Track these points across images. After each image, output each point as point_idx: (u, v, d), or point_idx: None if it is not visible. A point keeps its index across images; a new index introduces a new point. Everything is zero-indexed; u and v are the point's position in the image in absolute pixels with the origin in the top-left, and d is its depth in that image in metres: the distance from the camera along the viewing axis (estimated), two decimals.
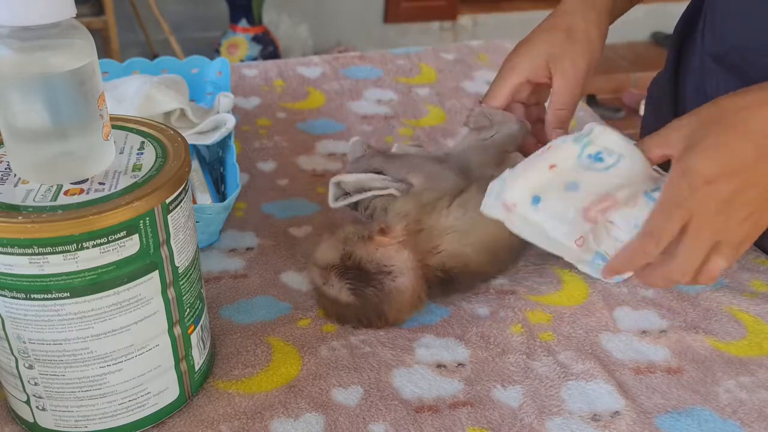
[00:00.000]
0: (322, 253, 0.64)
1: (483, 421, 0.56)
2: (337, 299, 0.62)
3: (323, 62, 1.15)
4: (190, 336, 0.54)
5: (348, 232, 0.63)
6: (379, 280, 0.61)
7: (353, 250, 0.62)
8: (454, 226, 0.64)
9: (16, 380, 0.51)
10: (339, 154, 0.92)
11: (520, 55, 0.72)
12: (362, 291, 0.61)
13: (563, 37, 0.71)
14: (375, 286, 0.61)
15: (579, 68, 0.70)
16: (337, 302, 0.63)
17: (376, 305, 0.62)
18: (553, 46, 0.71)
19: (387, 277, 0.62)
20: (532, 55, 0.71)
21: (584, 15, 0.72)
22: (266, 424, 0.55)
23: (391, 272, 0.62)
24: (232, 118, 0.79)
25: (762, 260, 0.75)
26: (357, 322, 0.64)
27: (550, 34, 0.72)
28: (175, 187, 0.49)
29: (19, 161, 0.49)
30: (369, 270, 0.61)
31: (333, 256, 0.63)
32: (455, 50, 1.21)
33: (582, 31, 0.71)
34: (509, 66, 0.72)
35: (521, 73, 0.71)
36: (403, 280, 0.62)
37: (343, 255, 0.62)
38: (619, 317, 0.67)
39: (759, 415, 0.57)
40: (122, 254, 0.46)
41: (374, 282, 0.61)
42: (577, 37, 0.71)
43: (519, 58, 0.72)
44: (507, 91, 0.72)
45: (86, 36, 0.47)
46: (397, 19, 3.23)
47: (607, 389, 0.59)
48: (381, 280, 0.61)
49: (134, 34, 2.76)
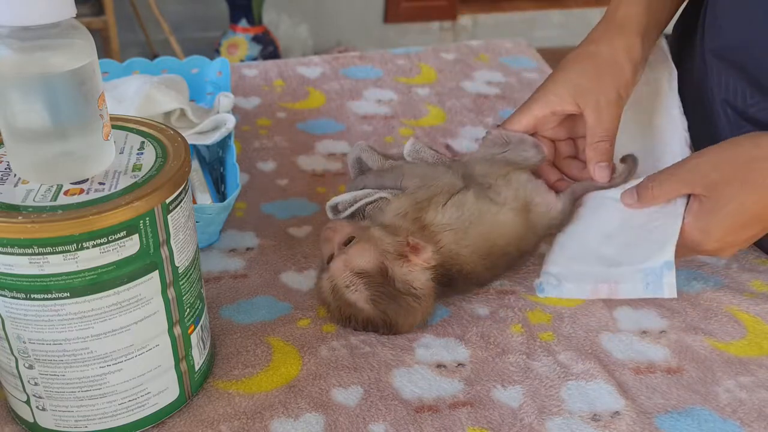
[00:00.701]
0: (358, 258, 0.62)
1: (483, 421, 0.56)
2: (356, 303, 0.62)
3: (323, 62, 1.15)
4: (190, 336, 0.54)
5: (386, 245, 0.62)
6: (406, 299, 0.62)
7: (391, 266, 0.61)
8: (450, 225, 0.64)
9: (16, 380, 0.51)
10: (339, 154, 0.92)
11: (546, 86, 0.71)
12: (384, 305, 0.61)
13: (590, 68, 0.70)
14: (400, 303, 0.61)
15: (610, 99, 0.69)
16: (353, 305, 0.62)
17: (391, 318, 0.62)
18: (579, 77, 0.70)
19: (412, 299, 0.62)
20: (557, 86, 0.70)
21: (611, 42, 0.71)
22: (266, 424, 0.55)
23: (417, 294, 0.62)
24: (232, 118, 0.79)
25: (762, 260, 0.75)
26: (362, 328, 0.63)
27: (575, 65, 0.71)
28: (175, 187, 0.49)
29: (19, 161, 0.49)
30: (399, 289, 0.61)
31: (369, 264, 0.61)
32: (455, 50, 1.21)
33: (608, 59, 0.70)
34: (534, 97, 0.71)
35: (545, 105, 0.70)
36: (424, 301, 0.63)
37: (382, 269, 0.61)
38: (619, 317, 0.67)
39: (759, 415, 0.57)
40: (122, 254, 0.46)
41: (401, 300, 0.61)
42: (604, 66, 0.70)
43: (543, 90, 0.71)
44: (528, 120, 0.71)
45: (86, 36, 0.47)
46: (397, 19, 3.23)
47: (607, 389, 0.59)
48: (407, 300, 0.62)
49: (134, 34, 2.76)
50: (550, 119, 0.72)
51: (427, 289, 0.63)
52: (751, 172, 0.59)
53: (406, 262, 0.62)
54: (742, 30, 0.70)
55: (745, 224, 0.60)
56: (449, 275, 0.64)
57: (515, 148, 0.70)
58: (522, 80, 1.13)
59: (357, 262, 0.61)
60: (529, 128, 0.72)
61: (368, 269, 0.61)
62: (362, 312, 0.62)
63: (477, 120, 1.01)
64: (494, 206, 0.66)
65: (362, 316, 0.62)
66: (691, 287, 0.71)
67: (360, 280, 0.61)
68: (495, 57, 1.20)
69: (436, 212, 0.65)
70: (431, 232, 0.64)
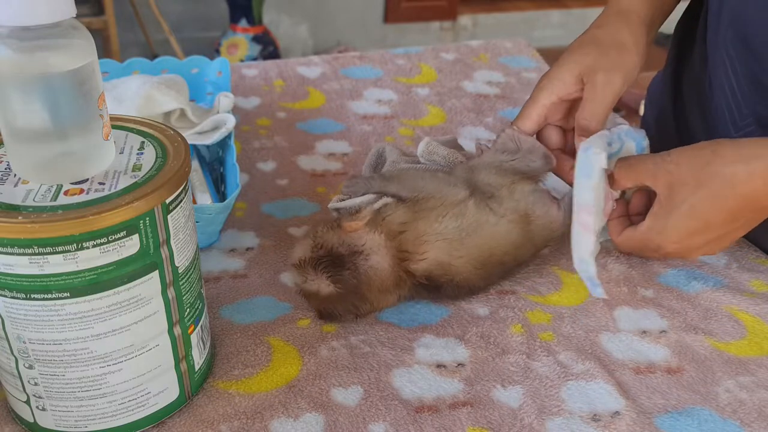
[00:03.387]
0: (295, 252, 0.64)
1: (483, 421, 0.56)
2: (319, 292, 0.62)
3: (323, 62, 1.15)
4: (190, 336, 0.54)
5: (317, 227, 0.64)
6: (353, 261, 0.61)
7: (323, 239, 0.62)
8: (443, 235, 0.63)
9: (16, 380, 0.51)
10: (339, 154, 0.92)
11: (550, 74, 0.70)
12: (339, 275, 0.61)
13: (595, 51, 0.69)
14: (350, 268, 0.61)
15: (612, 80, 0.68)
16: (320, 296, 0.62)
17: (355, 288, 0.62)
18: (585, 58, 0.69)
19: (360, 257, 0.61)
20: (562, 71, 0.70)
21: (617, 28, 0.71)
22: (266, 424, 0.55)
23: (363, 251, 0.61)
24: (232, 118, 0.79)
25: (762, 260, 0.75)
26: (345, 312, 0.63)
27: (581, 49, 0.70)
28: (175, 187, 0.49)
29: (19, 161, 0.49)
30: (341, 253, 0.61)
31: (305, 251, 0.63)
32: (455, 50, 1.21)
33: (614, 43, 0.70)
34: (539, 87, 0.70)
35: (552, 92, 0.70)
36: (377, 258, 0.62)
37: (314, 246, 0.62)
38: (619, 317, 0.67)
39: (759, 415, 0.57)
40: (122, 254, 0.46)
41: (348, 264, 0.61)
42: (610, 49, 0.69)
43: (549, 78, 0.70)
44: (538, 112, 0.70)
45: (86, 36, 0.47)
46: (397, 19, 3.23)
47: (607, 389, 0.59)
48: (355, 262, 0.61)
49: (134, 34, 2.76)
50: (558, 107, 0.71)
51: (377, 246, 0.62)
52: (704, 177, 0.59)
53: (338, 228, 0.62)
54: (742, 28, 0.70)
55: (698, 230, 0.61)
56: (436, 284, 0.64)
57: (524, 158, 0.69)
58: (522, 80, 1.13)
59: (295, 255, 0.63)
60: (540, 120, 0.71)
61: (305, 254, 0.62)
62: (331, 297, 0.62)
63: (477, 120, 1.01)
64: (493, 216, 0.65)
65: (334, 301, 0.62)
66: (691, 287, 0.71)
67: (306, 266, 0.62)
68: (495, 57, 1.20)
69: (434, 221, 0.64)
70: (420, 241, 0.63)
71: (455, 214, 0.64)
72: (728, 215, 0.60)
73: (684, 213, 0.61)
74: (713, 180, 0.59)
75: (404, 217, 0.64)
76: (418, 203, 0.65)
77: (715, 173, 0.59)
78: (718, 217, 0.60)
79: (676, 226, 0.61)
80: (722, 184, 0.59)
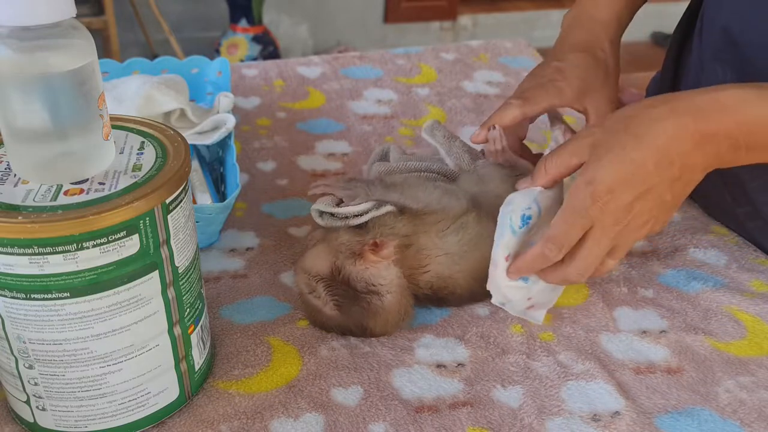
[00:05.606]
0: (311, 261, 0.61)
1: (483, 421, 0.56)
2: (321, 310, 0.61)
3: (323, 62, 1.15)
4: (190, 336, 0.54)
5: (341, 244, 0.61)
6: (367, 300, 0.60)
7: (344, 265, 0.60)
8: (444, 249, 0.63)
9: (16, 380, 0.51)
10: (339, 154, 0.92)
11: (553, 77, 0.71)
12: (348, 308, 0.60)
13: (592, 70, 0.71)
14: (362, 305, 0.60)
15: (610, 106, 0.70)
16: (321, 312, 0.62)
17: (359, 321, 0.61)
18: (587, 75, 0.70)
19: (375, 297, 0.60)
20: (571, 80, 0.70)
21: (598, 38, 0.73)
22: (266, 424, 0.55)
23: (380, 292, 0.60)
24: (232, 118, 0.79)
25: (762, 260, 0.75)
26: (339, 332, 0.63)
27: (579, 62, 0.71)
28: (175, 187, 0.49)
29: (19, 161, 0.49)
30: (357, 289, 0.60)
31: (322, 266, 0.61)
32: (455, 50, 1.21)
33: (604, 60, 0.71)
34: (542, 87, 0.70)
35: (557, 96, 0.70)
36: (390, 298, 0.61)
37: (333, 269, 0.60)
38: (619, 317, 0.67)
39: (759, 415, 0.57)
40: (122, 254, 0.46)
41: (361, 301, 0.60)
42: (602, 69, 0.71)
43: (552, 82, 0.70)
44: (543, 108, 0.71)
45: (86, 36, 0.47)
46: (397, 19, 3.23)
47: (607, 389, 0.59)
48: (369, 300, 0.60)
49: (134, 34, 2.76)
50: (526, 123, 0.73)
51: (395, 286, 0.61)
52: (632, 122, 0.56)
53: (359, 260, 0.60)
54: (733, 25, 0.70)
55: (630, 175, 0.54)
56: (439, 296, 0.64)
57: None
58: (522, 80, 1.12)
59: (310, 264, 0.61)
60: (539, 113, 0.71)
61: (322, 271, 0.60)
62: (331, 319, 0.61)
63: (477, 120, 1.01)
64: None
65: (332, 323, 0.62)
66: (691, 287, 0.71)
67: (318, 284, 0.60)
68: (495, 57, 1.20)
69: (435, 236, 0.63)
70: (422, 255, 0.63)
71: (456, 228, 0.63)
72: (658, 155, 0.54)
73: (614, 158, 0.54)
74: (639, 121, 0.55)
75: (406, 230, 0.63)
76: (419, 217, 0.64)
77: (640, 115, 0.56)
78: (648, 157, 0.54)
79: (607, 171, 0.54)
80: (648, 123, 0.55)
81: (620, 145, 0.55)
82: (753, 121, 0.54)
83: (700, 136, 0.53)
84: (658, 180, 0.55)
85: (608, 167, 0.54)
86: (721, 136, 0.54)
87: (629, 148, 0.54)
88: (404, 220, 0.63)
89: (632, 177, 0.54)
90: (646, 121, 0.55)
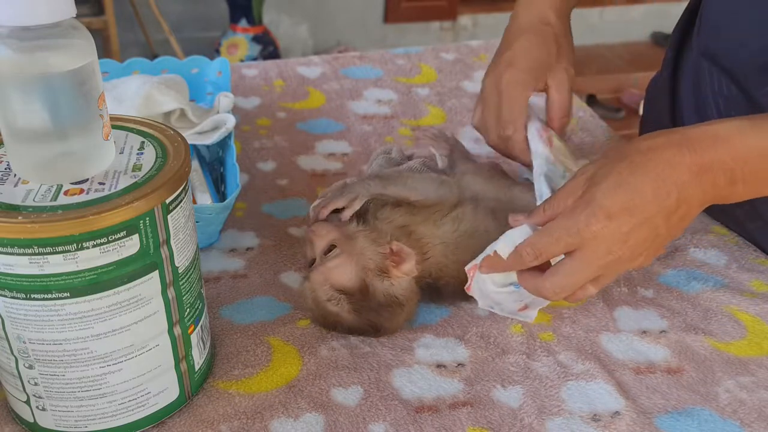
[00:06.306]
0: (338, 275, 0.61)
1: (483, 421, 0.56)
2: (339, 315, 0.62)
3: (323, 62, 1.15)
4: (190, 336, 0.54)
5: (368, 260, 0.61)
6: (388, 309, 0.61)
7: (372, 283, 0.61)
8: (441, 238, 0.64)
9: (16, 380, 0.51)
10: (339, 154, 0.92)
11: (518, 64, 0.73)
12: (366, 314, 0.61)
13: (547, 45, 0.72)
14: (382, 314, 0.61)
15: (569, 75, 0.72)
16: (337, 317, 0.62)
17: (376, 324, 0.62)
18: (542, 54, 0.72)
19: (397, 308, 0.62)
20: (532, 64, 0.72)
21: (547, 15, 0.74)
22: (266, 424, 0.55)
23: (401, 302, 0.62)
24: (232, 118, 0.79)
25: (762, 260, 0.75)
26: (347, 332, 0.63)
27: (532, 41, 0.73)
28: (175, 187, 0.49)
29: (19, 161, 0.49)
30: (381, 302, 0.61)
31: (349, 282, 0.61)
32: (455, 50, 1.21)
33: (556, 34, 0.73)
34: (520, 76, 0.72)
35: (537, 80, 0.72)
36: (411, 306, 0.63)
37: (362, 287, 0.61)
38: (619, 317, 0.67)
39: (759, 415, 0.57)
40: (122, 254, 0.46)
41: (382, 311, 0.61)
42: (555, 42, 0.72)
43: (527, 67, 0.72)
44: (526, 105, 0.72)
45: (86, 36, 0.47)
46: (397, 19, 3.23)
47: (607, 389, 0.59)
48: (389, 309, 0.62)
49: (134, 34, 2.76)
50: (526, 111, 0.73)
51: (410, 293, 0.63)
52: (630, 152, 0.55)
53: (387, 278, 0.61)
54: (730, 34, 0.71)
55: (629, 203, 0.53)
56: (436, 287, 0.64)
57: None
58: None
59: (336, 279, 0.61)
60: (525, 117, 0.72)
61: (347, 286, 0.60)
62: (346, 321, 0.62)
63: None
64: (493, 222, 0.65)
65: (346, 324, 0.62)
66: (691, 287, 0.71)
67: (340, 295, 0.61)
68: None
69: (433, 225, 0.64)
70: (422, 243, 0.64)
71: (452, 218, 0.65)
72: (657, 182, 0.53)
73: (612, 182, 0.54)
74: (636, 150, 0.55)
75: (403, 220, 0.64)
76: (417, 207, 0.65)
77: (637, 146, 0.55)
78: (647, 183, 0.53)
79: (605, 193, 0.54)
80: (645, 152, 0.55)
81: (618, 171, 0.54)
82: (748, 152, 0.54)
83: (698, 167, 0.53)
84: (656, 210, 0.54)
85: (607, 192, 0.54)
86: (717, 168, 0.53)
87: (626, 173, 0.54)
88: (401, 211, 0.65)
89: (631, 203, 0.53)
90: (643, 150, 0.55)
